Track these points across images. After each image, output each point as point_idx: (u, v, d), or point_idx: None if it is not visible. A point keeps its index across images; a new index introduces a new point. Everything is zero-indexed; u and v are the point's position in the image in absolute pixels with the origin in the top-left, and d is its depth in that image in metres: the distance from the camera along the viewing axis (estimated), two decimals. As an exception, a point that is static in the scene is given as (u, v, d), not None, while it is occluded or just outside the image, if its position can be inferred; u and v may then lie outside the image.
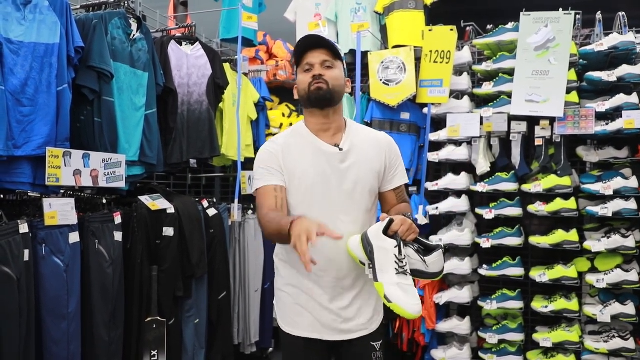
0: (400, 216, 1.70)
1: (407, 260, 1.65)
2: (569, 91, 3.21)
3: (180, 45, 3.23)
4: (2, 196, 2.50)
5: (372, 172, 1.88)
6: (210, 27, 4.02)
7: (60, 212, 2.29)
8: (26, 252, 2.14)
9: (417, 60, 3.61)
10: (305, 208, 1.80)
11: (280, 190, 1.80)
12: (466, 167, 3.57)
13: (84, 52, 2.50)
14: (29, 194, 2.51)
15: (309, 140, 1.87)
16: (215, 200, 3.52)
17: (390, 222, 1.67)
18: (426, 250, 1.72)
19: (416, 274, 1.70)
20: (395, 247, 1.62)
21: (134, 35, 2.80)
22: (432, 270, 1.71)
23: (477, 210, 3.48)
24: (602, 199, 3.18)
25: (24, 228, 2.14)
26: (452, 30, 3.52)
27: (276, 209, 1.76)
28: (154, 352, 2.77)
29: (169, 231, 2.87)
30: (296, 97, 1.91)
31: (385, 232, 1.66)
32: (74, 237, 2.37)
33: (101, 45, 2.55)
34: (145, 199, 2.84)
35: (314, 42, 1.84)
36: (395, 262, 1.61)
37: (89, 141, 2.57)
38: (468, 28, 3.80)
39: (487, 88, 3.44)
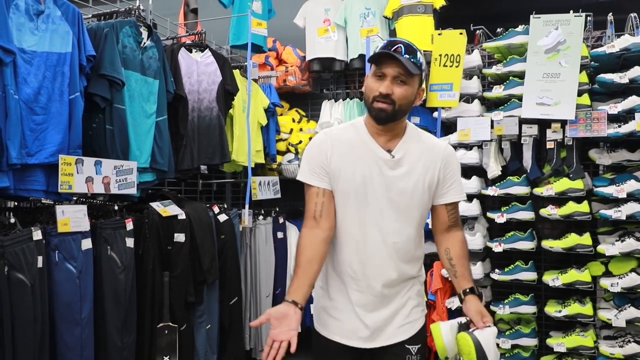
0: (483, 311, 1.76)
1: None
2: (580, 93, 3.18)
3: (190, 52, 3.26)
4: (16, 203, 2.54)
5: (423, 185, 1.75)
6: (220, 34, 4.05)
7: (72, 218, 2.32)
8: (40, 258, 2.16)
9: (427, 64, 3.60)
10: (341, 211, 1.75)
11: (322, 194, 1.74)
12: (477, 170, 3.55)
13: (96, 61, 2.53)
14: (42, 201, 2.55)
15: (363, 139, 1.76)
16: (226, 206, 3.54)
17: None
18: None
19: None
20: None
21: (145, 43, 2.83)
22: None
23: (489, 214, 3.45)
24: (616, 202, 3.14)
25: (37, 235, 2.17)
26: (461, 33, 3.51)
27: (314, 219, 1.72)
28: (166, 358, 2.78)
29: (180, 237, 2.89)
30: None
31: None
32: (87, 244, 2.39)
33: (112, 54, 2.58)
34: (156, 205, 2.86)
35: (392, 55, 1.63)
36: None
37: (100, 148, 2.60)
38: (478, 31, 3.79)
39: (498, 91, 3.43)
